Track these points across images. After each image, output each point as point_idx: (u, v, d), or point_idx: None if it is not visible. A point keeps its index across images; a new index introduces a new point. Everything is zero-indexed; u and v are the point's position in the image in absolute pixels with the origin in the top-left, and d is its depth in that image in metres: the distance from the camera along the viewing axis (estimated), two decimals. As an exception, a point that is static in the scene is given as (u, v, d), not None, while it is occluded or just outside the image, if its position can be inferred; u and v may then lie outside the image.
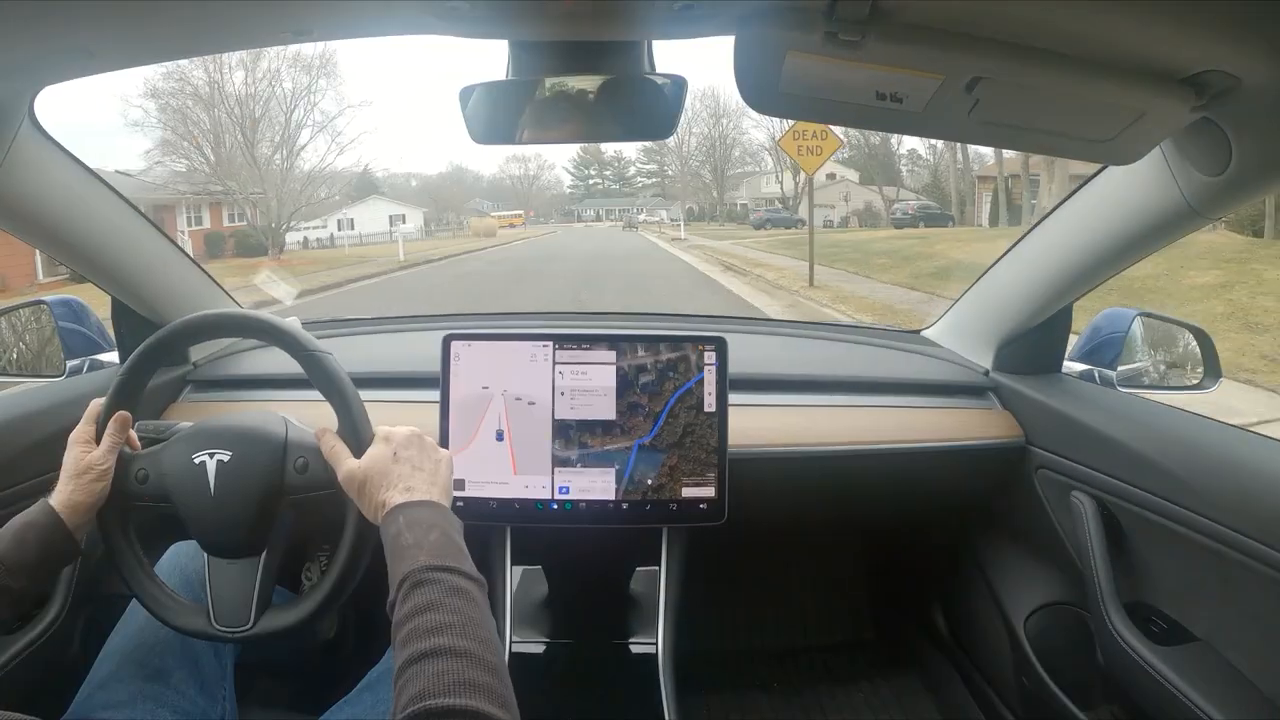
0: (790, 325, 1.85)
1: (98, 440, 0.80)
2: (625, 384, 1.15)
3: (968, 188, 26.94)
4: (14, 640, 1.04)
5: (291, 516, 0.84)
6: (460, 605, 0.61)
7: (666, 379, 1.15)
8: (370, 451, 0.77)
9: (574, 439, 1.14)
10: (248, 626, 0.81)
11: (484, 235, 31.89)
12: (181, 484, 0.81)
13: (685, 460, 1.14)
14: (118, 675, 0.84)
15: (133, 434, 0.85)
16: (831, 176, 32.95)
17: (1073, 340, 1.31)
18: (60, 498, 0.76)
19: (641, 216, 38.75)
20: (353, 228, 30.34)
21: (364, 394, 0.84)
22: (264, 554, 0.83)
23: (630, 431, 1.14)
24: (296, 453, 0.82)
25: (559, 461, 1.14)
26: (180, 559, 0.97)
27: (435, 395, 1.14)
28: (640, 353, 1.15)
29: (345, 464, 0.77)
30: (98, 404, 0.83)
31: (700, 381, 1.15)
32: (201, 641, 0.88)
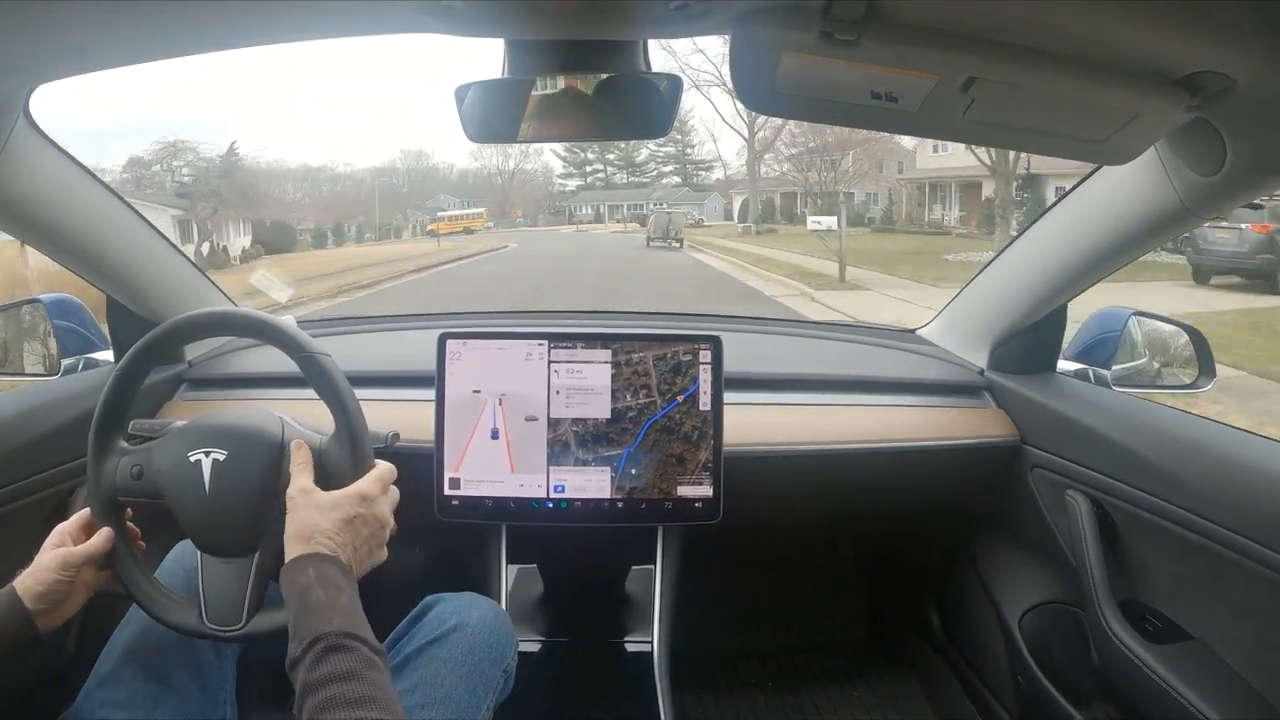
0: (786, 324, 1.85)
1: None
2: (620, 383, 1.15)
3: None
4: None
5: (286, 517, 0.84)
6: (377, 679, 0.62)
7: (662, 378, 1.15)
8: (345, 493, 0.76)
9: (569, 438, 1.15)
10: (239, 625, 0.81)
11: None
12: (176, 482, 0.81)
13: (681, 459, 1.14)
14: (118, 675, 0.84)
15: (131, 525, 0.85)
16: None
17: (1068, 338, 1.32)
18: (19, 580, 0.76)
19: (678, 209, 22.74)
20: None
21: (359, 392, 0.84)
22: (257, 554, 0.82)
23: (625, 430, 1.14)
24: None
25: (554, 460, 1.14)
26: (185, 558, 0.97)
27: (430, 394, 1.14)
28: (635, 352, 1.15)
29: (304, 483, 0.77)
30: (86, 514, 0.82)
31: (696, 380, 1.15)
32: (204, 643, 0.88)
